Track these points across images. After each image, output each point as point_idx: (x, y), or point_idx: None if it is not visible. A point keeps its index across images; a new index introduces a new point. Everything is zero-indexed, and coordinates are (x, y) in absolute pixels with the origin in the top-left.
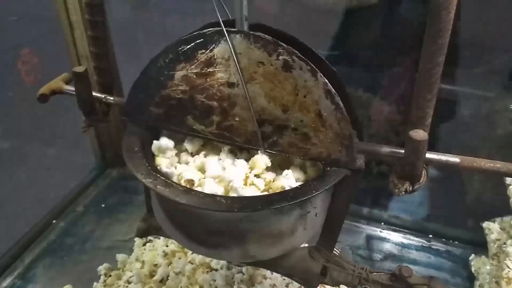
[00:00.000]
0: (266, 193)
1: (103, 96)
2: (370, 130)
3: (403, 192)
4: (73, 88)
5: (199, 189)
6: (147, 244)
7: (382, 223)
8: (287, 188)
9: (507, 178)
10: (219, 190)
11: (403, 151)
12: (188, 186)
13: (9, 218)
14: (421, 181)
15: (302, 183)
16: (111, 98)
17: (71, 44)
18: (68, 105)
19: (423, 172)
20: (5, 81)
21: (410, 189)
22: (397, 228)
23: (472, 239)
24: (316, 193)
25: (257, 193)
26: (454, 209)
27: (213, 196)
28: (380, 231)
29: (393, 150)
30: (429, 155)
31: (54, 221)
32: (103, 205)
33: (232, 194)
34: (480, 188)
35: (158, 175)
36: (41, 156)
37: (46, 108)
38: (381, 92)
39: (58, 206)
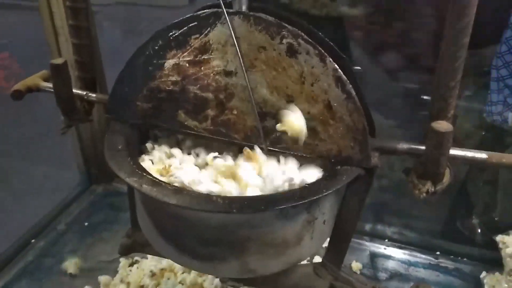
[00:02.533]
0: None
1: (85, 93)
2: None
3: (424, 194)
4: (51, 85)
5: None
6: (134, 266)
7: (386, 240)
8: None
9: None
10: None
11: (423, 148)
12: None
13: None
14: (444, 181)
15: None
16: (94, 95)
17: (55, 50)
18: (52, 115)
19: (446, 171)
20: None
21: (432, 190)
22: (403, 245)
23: (482, 255)
24: (327, 192)
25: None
26: (461, 223)
27: (208, 195)
28: (385, 248)
29: (412, 146)
30: (453, 151)
31: (32, 241)
32: (86, 224)
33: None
34: (488, 200)
35: (144, 174)
36: (22, 172)
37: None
38: None
39: (37, 224)
